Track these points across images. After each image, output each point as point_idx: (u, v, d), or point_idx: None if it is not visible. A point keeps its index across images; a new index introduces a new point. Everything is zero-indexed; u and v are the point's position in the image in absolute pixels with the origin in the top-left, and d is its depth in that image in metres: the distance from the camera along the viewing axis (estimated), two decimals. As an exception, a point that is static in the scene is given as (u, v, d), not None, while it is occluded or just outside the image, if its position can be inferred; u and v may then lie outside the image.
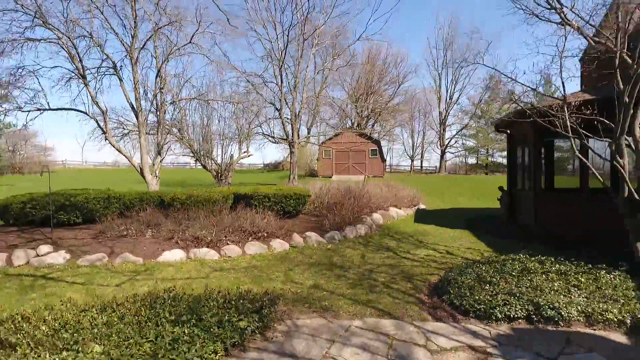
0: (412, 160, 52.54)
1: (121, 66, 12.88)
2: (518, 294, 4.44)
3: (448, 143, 45.51)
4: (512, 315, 4.21)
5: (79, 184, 16.34)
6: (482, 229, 10.56)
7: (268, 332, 3.99)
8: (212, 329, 3.51)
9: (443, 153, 45.18)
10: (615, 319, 4.01)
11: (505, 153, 30.83)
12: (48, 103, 11.62)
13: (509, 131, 12.43)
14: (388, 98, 42.58)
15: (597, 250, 6.81)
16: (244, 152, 18.76)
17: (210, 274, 6.24)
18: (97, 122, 12.05)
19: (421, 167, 52.81)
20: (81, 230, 8.13)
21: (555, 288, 4.59)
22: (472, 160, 53.57)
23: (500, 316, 4.22)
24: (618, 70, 5.42)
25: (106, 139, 12.05)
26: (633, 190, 5.08)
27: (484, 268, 5.46)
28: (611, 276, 4.88)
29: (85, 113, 12.04)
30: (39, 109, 11.50)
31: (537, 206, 9.89)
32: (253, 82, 20.62)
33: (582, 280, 4.80)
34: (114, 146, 12.05)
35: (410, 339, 3.87)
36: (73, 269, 6.33)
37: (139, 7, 12.01)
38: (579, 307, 4.16)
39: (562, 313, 4.11)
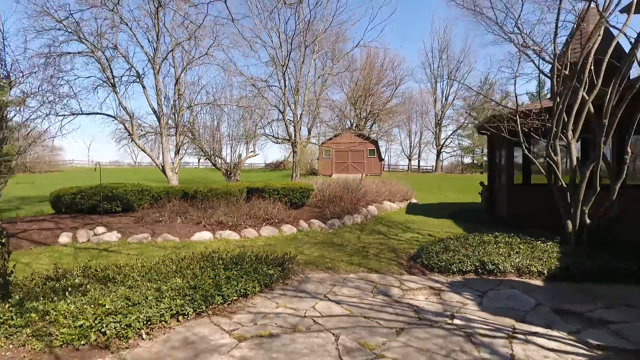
0: (410, 160, 54.20)
1: (143, 75, 14.44)
2: (471, 256, 6.02)
3: (443, 143, 47.09)
4: (464, 269, 5.78)
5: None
6: (463, 218, 12.12)
7: (287, 280, 5.55)
8: (250, 274, 5.07)
9: (439, 153, 46.76)
10: (537, 271, 5.58)
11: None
12: (81, 108, 13.19)
13: (489, 133, 14.00)
14: (386, 100, 44.16)
15: (552, 231, 8.35)
16: (251, 151, 20.33)
17: (235, 249, 7.77)
18: (124, 125, 13.62)
19: (418, 166, 54.40)
20: (122, 216, 9.69)
21: (501, 252, 6.16)
22: (467, 159, 55.22)
23: (455, 270, 5.80)
24: (555, 87, 7.00)
25: (132, 140, 13.61)
26: (562, 181, 6.65)
27: (451, 241, 7.04)
28: (544, 245, 6.46)
29: (113, 117, 13.61)
30: (73, 114, 13.06)
31: (509, 198, 11.48)
32: (259, 86, 22.18)
33: (522, 247, 6.38)
34: (139, 146, 13.63)
35: (389, 283, 5.44)
36: (125, 244, 7.89)
37: (163, 20, 13.57)
38: (512, 263, 5.73)
39: (500, 267, 5.68)
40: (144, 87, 14.08)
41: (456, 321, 4.10)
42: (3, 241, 3.71)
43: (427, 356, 3.33)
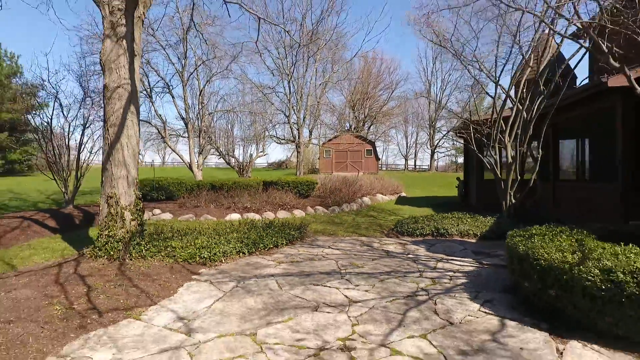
0: (406, 160, 56.78)
1: (172, 87, 17.01)
2: (430, 225, 8.62)
3: (437, 144, 49.61)
4: (424, 233, 8.38)
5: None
6: (442, 207, 14.69)
7: (303, 240, 8.14)
8: (279, 233, 7.66)
9: (433, 153, 49.33)
10: (472, 233, 8.18)
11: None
12: (122, 115, 15.73)
13: (464, 136, 16.60)
14: (383, 103, 46.76)
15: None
16: (261, 151, 22.92)
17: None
18: (158, 129, 16.18)
19: (415, 166, 57.04)
20: (167, 203, 12.26)
21: (452, 223, 8.75)
22: (461, 159, 57.80)
23: (418, 234, 8.40)
24: (494, 104, 9.58)
25: (164, 142, 16.16)
26: (499, 174, 9.24)
27: (420, 218, 9.64)
28: (485, 218, 9.06)
29: (149, 122, 16.17)
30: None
31: (478, 190, 14.08)
32: (266, 92, 24.78)
33: (469, 220, 8.98)
34: (170, 147, 16.18)
35: (372, 241, 8.04)
36: (178, 221, 10.46)
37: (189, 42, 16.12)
38: (457, 229, 8.33)
39: (449, 231, 8.28)
40: (173, 97, 16.64)
41: (410, 256, 6.70)
42: (141, 205, 6.27)
43: (388, 267, 5.92)
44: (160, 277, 5.23)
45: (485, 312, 4.03)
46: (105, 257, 5.73)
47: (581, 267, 3.37)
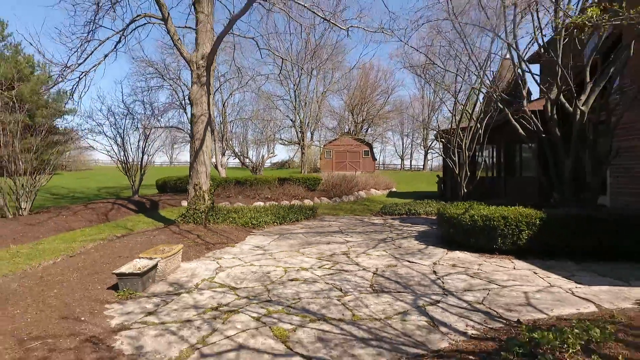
0: (402, 160, 60.13)
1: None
2: (405, 207, 12.03)
3: (430, 145, 52.99)
4: (401, 213, 11.80)
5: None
6: (423, 198, 18.06)
7: (315, 217, 11.53)
8: (299, 212, 11.05)
9: (426, 153, 52.74)
10: (433, 212, 11.58)
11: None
12: (161, 124, 19.09)
13: (443, 140, 19.99)
14: (380, 106, 50.14)
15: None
16: (271, 153, 26.32)
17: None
18: (189, 135, 19.52)
19: (410, 165, 60.43)
20: (205, 194, 15.63)
21: (421, 206, 12.15)
22: (454, 159, 61.06)
23: (396, 213, 11.81)
24: (454, 119, 12.97)
25: (195, 145, 19.53)
26: (456, 171, 12.64)
27: (399, 203, 13.04)
28: (445, 204, 12.45)
29: (182, 130, 19.53)
30: (155, 127, 18.97)
31: (452, 185, 17.48)
32: (275, 100, 28.19)
33: (433, 205, 12.40)
34: (200, 150, 19.54)
35: (363, 218, 11.45)
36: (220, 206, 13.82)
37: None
38: (424, 210, 11.74)
39: (417, 211, 11.70)
40: (201, 107, 19.99)
41: (387, 225, 10.10)
42: (213, 190, 9.61)
43: (372, 229, 9.31)
44: (232, 232, 8.62)
45: (420, 244, 7.44)
46: (193, 222, 9.11)
47: (462, 215, 6.77)
